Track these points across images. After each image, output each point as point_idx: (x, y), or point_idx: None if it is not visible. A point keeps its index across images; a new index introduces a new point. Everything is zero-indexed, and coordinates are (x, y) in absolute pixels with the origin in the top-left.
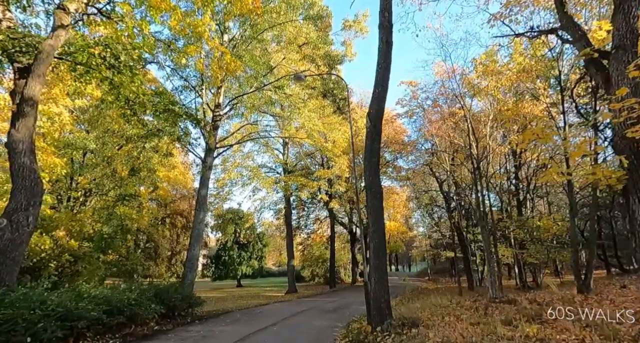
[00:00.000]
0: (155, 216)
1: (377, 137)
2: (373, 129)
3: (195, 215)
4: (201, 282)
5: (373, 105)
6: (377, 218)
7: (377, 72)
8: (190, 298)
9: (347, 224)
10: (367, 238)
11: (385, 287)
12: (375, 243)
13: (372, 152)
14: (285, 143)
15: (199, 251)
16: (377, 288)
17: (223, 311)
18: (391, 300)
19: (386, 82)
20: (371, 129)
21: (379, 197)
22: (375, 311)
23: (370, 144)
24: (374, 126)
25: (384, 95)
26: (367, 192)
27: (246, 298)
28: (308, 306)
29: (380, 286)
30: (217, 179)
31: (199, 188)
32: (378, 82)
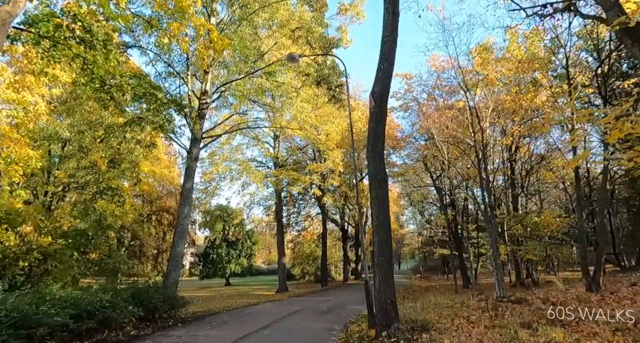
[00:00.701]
0: (140, 213)
1: (382, 119)
2: (377, 110)
3: (179, 210)
4: (188, 281)
5: (377, 83)
6: (382, 209)
7: (382, 46)
8: (173, 299)
9: (339, 221)
10: (372, 233)
11: (391, 287)
12: (380, 237)
13: (377, 136)
14: (276, 136)
15: (184, 248)
16: (381, 289)
17: (209, 312)
18: None
19: (392, 56)
20: (375, 110)
21: (384, 186)
22: (380, 314)
23: (374, 127)
24: (378, 106)
25: (390, 71)
26: (370, 181)
27: (235, 297)
28: (300, 306)
29: (386, 286)
30: (205, 173)
31: (184, 181)
32: (384, 56)
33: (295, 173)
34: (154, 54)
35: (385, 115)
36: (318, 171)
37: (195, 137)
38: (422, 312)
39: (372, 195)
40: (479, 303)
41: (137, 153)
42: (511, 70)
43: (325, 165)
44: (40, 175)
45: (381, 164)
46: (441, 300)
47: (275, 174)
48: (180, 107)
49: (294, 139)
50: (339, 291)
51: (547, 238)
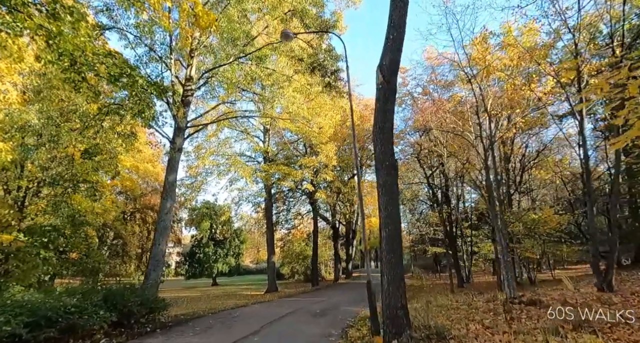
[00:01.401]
0: (123, 210)
1: (392, 97)
2: (386, 86)
3: (161, 205)
4: (174, 281)
5: (386, 55)
6: (392, 200)
7: (391, 12)
8: (152, 302)
9: (330, 219)
10: (379, 226)
11: (402, 289)
12: (388, 231)
13: (385, 116)
14: (266, 130)
15: (166, 246)
16: (391, 291)
17: (193, 315)
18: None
19: (403, 24)
20: (384, 86)
21: (393, 173)
22: (389, 320)
23: (382, 106)
24: (387, 82)
25: (401, 41)
26: (378, 167)
27: (222, 298)
28: (292, 307)
29: (396, 288)
30: (190, 166)
31: (167, 173)
32: (393, 24)
33: (287, 168)
34: (134, 36)
35: (394, 92)
36: (310, 165)
37: (178, 125)
38: (431, 316)
39: (380, 184)
40: (487, 305)
41: (115, 144)
42: (514, 60)
43: (318, 159)
44: (12, 169)
45: (390, 147)
46: (443, 301)
47: (265, 169)
48: (161, 90)
49: (285, 135)
50: (330, 291)
51: (545, 236)
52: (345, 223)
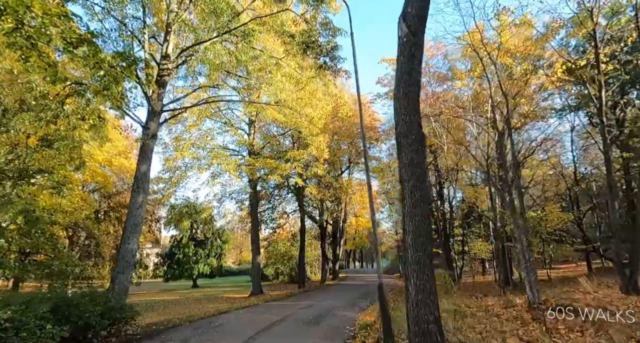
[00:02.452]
0: (97, 209)
1: (418, 52)
2: (412, 39)
3: (132, 198)
4: (152, 283)
5: (413, 1)
6: (418, 183)
7: None
8: (117, 311)
9: (317, 218)
10: (402, 218)
11: (434, 297)
12: (416, 224)
13: (410, 77)
14: (251, 121)
15: (137, 245)
16: (420, 300)
17: (168, 325)
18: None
19: None
20: (409, 39)
21: (420, 149)
22: (419, 338)
23: (406, 64)
24: (413, 34)
25: None
26: (400, 142)
27: (202, 302)
28: (281, 314)
29: (427, 295)
30: (167, 159)
31: (139, 163)
32: None
33: (274, 162)
34: (102, 7)
35: (422, 47)
36: (300, 159)
37: (153, 108)
38: (454, 327)
39: (404, 163)
40: (508, 311)
41: (80, 131)
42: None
43: (309, 151)
44: None
45: (416, 117)
46: (448, 305)
47: (250, 162)
48: (129, 62)
49: (270, 129)
50: (320, 293)
51: (545, 234)
52: (332, 223)
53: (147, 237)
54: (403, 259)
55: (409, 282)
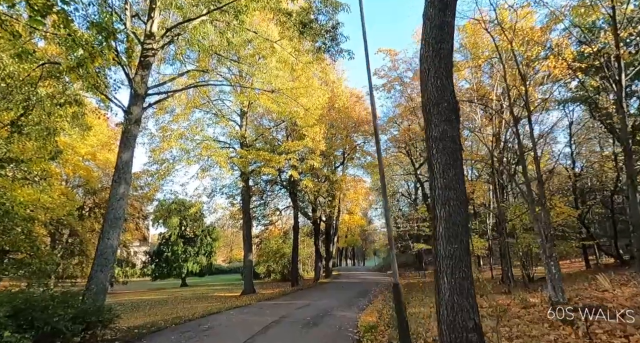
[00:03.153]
0: (81, 205)
1: (452, 2)
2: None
3: (112, 189)
4: (139, 282)
5: None
6: (452, 160)
7: None
8: (92, 313)
9: (311, 214)
10: (432, 203)
11: (472, 299)
12: (449, 209)
13: (442, 33)
14: (243, 113)
15: (118, 241)
16: (456, 302)
17: (151, 328)
18: (374, 300)
19: None
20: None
21: (454, 119)
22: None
23: (437, 15)
24: None
25: None
26: (429, 111)
27: (191, 301)
28: (276, 314)
29: (464, 297)
30: (153, 149)
31: (120, 151)
32: None
33: (267, 154)
34: None
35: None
36: (295, 150)
37: (136, 91)
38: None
39: (434, 137)
40: (528, 312)
41: (56, 117)
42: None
43: (304, 143)
44: None
45: (449, 81)
46: None
47: (242, 154)
48: (106, 35)
49: (262, 123)
50: (314, 292)
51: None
52: (326, 220)
53: (134, 234)
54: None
55: (441, 281)
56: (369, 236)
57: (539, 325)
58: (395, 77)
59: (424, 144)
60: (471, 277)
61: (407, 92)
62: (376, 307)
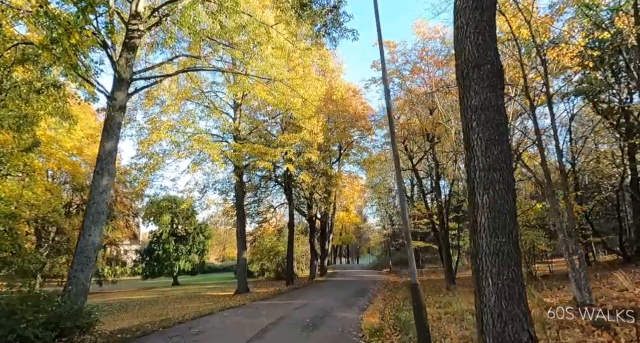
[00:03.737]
0: (68, 202)
1: None
2: None
3: (94, 181)
4: (130, 281)
5: None
6: (497, 137)
7: None
8: (68, 318)
9: (306, 211)
10: (469, 188)
11: (524, 306)
12: (493, 194)
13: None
14: (236, 105)
15: (100, 238)
16: (505, 310)
17: (137, 332)
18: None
19: None
20: None
21: (499, 86)
22: None
23: None
24: None
25: None
26: (468, 75)
27: (183, 301)
28: (272, 316)
29: (514, 304)
30: (142, 141)
31: (102, 140)
32: None
33: (262, 147)
34: None
35: None
36: (292, 143)
37: (120, 76)
38: None
39: (473, 106)
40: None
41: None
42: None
43: (301, 135)
44: None
45: (493, 38)
46: (465, 305)
47: (236, 147)
48: (83, 5)
49: (257, 117)
50: (311, 291)
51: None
52: (321, 217)
53: (124, 232)
54: (470, 247)
55: (484, 283)
56: (363, 234)
57: (570, 331)
58: (394, 69)
59: (423, 139)
60: (522, 278)
61: (406, 85)
62: (377, 307)
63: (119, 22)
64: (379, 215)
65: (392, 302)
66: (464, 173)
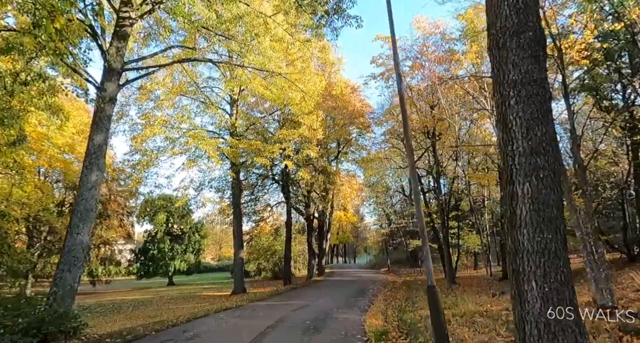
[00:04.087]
0: (61, 200)
1: None
2: None
3: (82, 177)
4: (124, 281)
5: None
6: (541, 115)
7: None
8: (50, 323)
9: (304, 210)
10: (506, 172)
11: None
12: (539, 182)
13: None
14: (233, 101)
15: (89, 236)
16: (553, 317)
17: (127, 336)
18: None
19: None
20: None
21: (542, 56)
22: None
23: None
24: None
25: None
26: (504, 44)
27: (178, 301)
28: (271, 317)
29: (562, 315)
30: (135, 137)
31: (91, 133)
32: None
33: (260, 143)
34: None
35: None
36: (290, 139)
37: (110, 66)
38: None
39: (512, 80)
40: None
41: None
42: None
43: (300, 131)
44: None
45: (534, 3)
46: (470, 307)
47: (233, 144)
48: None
49: (254, 115)
50: (309, 291)
51: None
52: (318, 216)
53: (118, 231)
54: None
55: (526, 286)
56: (360, 233)
57: (593, 336)
58: (394, 66)
59: (422, 136)
60: (571, 282)
61: (406, 82)
62: (379, 308)
63: (110, 12)
64: (376, 214)
65: (393, 302)
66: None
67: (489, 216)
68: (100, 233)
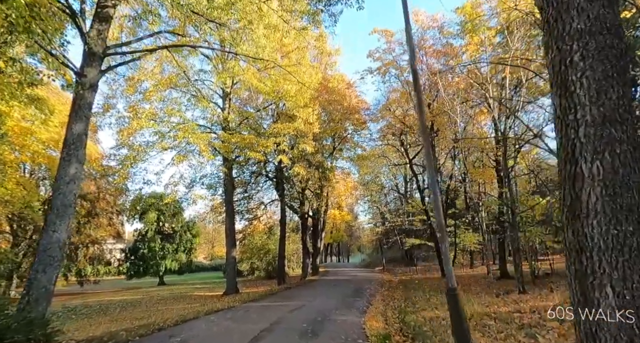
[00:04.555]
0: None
1: None
2: None
3: (59, 169)
4: (114, 281)
5: None
6: (614, 74)
7: None
8: (15, 331)
9: (299, 208)
10: (562, 148)
11: None
12: (614, 160)
13: None
14: (225, 94)
15: (67, 234)
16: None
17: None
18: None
19: None
20: None
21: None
22: None
23: None
24: None
25: None
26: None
27: (168, 302)
28: (266, 320)
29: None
30: (121, 130)
31: (70, 122)
32: None
33: (253, 137)
34: None
35: None
36: (285, 133)
37: (91, 48)
38: None
39: (577, 29)
40: None
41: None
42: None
43: (295, 125)
44: None
45: None
46: (478, 308)
47: (225, 138)
48: None
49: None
50: (304, 291)
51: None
52: (313, 214)
53: (108, 230)
54: (566, 239)
55: (598, 293)
56: (354, 232)
57: None
58: (391, 60)
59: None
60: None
61: (404, 77)
62: (378, 309)
63: None
64: (370, 213)
65: (392, 302)
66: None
67: (485, 214)
68: (89, 233)
